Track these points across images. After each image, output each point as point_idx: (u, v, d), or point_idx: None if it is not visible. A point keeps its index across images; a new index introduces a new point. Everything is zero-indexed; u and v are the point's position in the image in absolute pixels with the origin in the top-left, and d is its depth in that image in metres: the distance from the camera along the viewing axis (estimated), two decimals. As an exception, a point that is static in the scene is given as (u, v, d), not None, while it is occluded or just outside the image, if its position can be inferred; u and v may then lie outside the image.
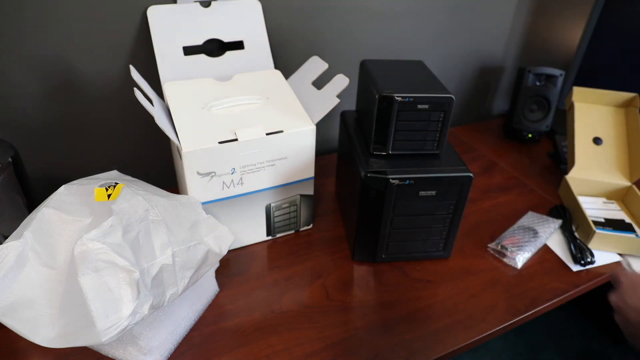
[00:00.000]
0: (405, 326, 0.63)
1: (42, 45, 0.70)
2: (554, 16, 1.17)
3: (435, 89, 0.65)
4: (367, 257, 0.73)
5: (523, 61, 1.22)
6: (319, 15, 0.89)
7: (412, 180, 0.64)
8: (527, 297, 0.68)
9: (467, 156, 1.05)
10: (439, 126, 0.66)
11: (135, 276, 0.45)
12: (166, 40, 0.73)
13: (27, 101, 0.73)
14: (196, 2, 0.75)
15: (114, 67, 0.76)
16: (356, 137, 0.74)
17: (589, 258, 0.74)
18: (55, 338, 0.47)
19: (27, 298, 0.48)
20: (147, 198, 0.53)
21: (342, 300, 0.67)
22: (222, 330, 0.61)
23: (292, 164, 0.70)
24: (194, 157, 0.62)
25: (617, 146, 0.91)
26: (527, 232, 0.79)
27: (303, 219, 0.79)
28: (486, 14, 1.08)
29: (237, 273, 0.71)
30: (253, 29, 0.79)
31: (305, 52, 0.91)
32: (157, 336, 0.55)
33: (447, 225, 0.70)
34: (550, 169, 1.02)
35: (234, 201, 0.69)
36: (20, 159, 0.64)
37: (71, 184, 0.55)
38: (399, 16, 0.97)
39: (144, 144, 0.86)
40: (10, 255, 0.48)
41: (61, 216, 0.51)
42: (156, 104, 0.64)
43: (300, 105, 0.71)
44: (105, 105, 0.79)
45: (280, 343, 0.60)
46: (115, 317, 0.45)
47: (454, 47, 1.09)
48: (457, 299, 0.68)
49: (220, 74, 0.75)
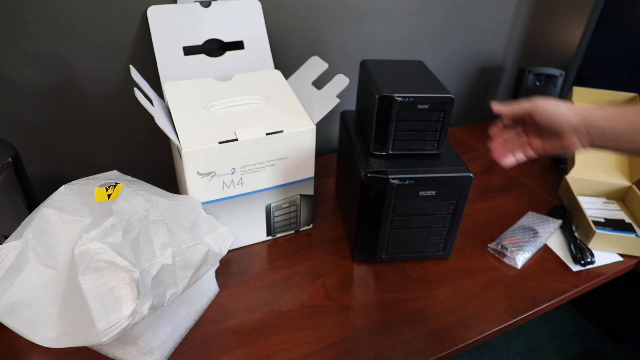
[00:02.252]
0: (405, 326, 0.63)
1: (42, 45, 0.70)
2: (554, 16, 1.17)
3: (435, 89, 0.65)
4: (367, 257, 0.73)
5: (523, 61, 1.22)
6: (319, 15, 0.89)
7: (412, 180, 0.64)
8: (527, 297, 0.68)
9: (467, 156, 1.05)
10: (439, 126, 0.66)
11: (135, 276, 0.45)
12: (166, 40, 0.73)
13: (27, 101, 0.73)
14: (196, 2, 0.75)
15: (114, 67, 0.76)
16: (356, 137, 0.74)
17: (589, 258, 0.74)
18: (55, 338, 0.48)
19: (27, 298, 0.49)
20: (147, 198, 0.53)
21: (342, 300, 0.67)
22: (222, 330, 0.61)
23: (292, 164, 0.70)
24: (194, 157, 0.62)
25: (617, 146, 0.91)
26: (527, 232, 0.79)
27: (303, 219, 0.79)
28: (486, 14, 1.08)
29: (237, 273, 0.71)
30: (253, 29, 0.79)
31: (305, 52, 0.91)
32: (157, 336, 0.55)
33: (447, 225, 0.70)
34: (550, 169, 1.02)
35: (234, 201, 0.69)
36: (20, 159, 0.64)
37: (71, 184, 0.55)
38: (399, 16, 0.97)
39: (144, 144, 0.86)
40: (10, 255, 0.48)
41: (61, 216, 0.51)
42: (156, 104, 0.64)
43: (300, 105, 0.71)
44: (105, 105, 0.79)
45: (280, 343, 0.60)
46: (115, 317, 0.45)
47: (454, 47, 1.09)
48: (457, 299, 0.68)
49: (220, 74, 0.75)
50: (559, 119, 0.54)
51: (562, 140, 0.55)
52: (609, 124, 0.52)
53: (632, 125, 0.50)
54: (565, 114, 0.53)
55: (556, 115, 0.54)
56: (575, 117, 0.53)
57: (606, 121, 0.52)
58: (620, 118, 0.51)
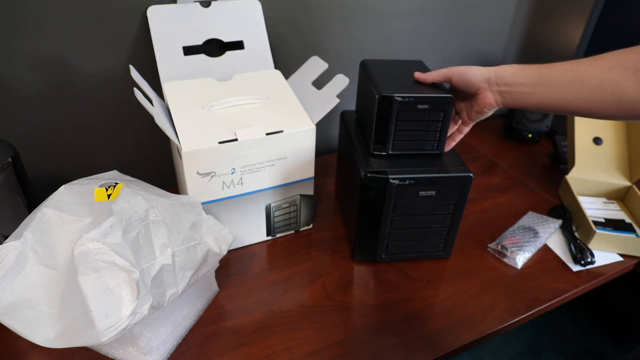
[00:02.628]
0: (405, 326, 0.63)
1: (42, 45, 0.70)
2: (554, 16, 1.17)
3: (435, 89, 0.65)
4: (367, 257, 0.73)
5: (523, 61, 1.22)
6: (319, 15, 0.89)
7: (412, 180, 0.64)
8: (527, 297, 0.68)
9: (467, 156, 1.05)
10: (439, 126, 0.66)
11: (135, 276, 0.45)
12: (166, 40, 0.73)
13: (27, 101, 0.73)
14: (196, 2, 0.75)
15: (114, 67, 0.76)
16: (356, 137, 0.74)
17: (589, 258, 0.74)
18: (55, 338, 0.47)
19: (27, 298, 0.49)
20: (147, 198, 0.53)
21: (342, 300, 0.67)
22: (222, 330, 0.61)
23: (292, 164, 0.70)
24: (194, 157, 0.62)
25: (617, 146, 0.91)
26: (527, 232, 0.79)
27: (303, 219, 0.79)
28: (486, 14, 1.08)
29: (237, 273, 0.71)
30: (253, 29, 0.79)
31: (305, 52, 0.91)
32: (157, 336, 0.55)
33: (447, 225, 0.70)
34: (550, 169, 1.02)
35: (234, 201, 0.69)
36: (20, 159, 0.64)
37: (71, 184, 0.55)
38: (399, 16, 0.97)
39: (144, 144, 0.86)
40: (10, 255, 0.48)
41: (61, 216, 0.51)
42: (156, 104, 0.64)
43: (300, 105, 0.71)
44: (105, 105, 0.79)
45: (280, 343, 0.60)
46: (115, 317, 0.45)
47: (454, 47, 1.09)
48: (457, 299, 0.68)
49: (220, 74, 0.75)
50: (471, 74, 0.61)
51: (477, 98, 0.61)
52: (515, 78, 0.57)
53: (531, 78, 0.55)
54: (478, 70, 0.60)
55: (470, 72, 0.61)
56: (488, 71, 0.59)
57: (513, 75, 0.57)
58: (523, 72, 0.56)
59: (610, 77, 0.49)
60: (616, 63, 0.49)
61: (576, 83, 0.51)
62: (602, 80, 0.49)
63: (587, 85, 0.51)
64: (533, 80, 0.55)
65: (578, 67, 0.52)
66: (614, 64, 0.49)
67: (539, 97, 0.55)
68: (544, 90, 0.54)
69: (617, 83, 0.48)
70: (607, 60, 0.50)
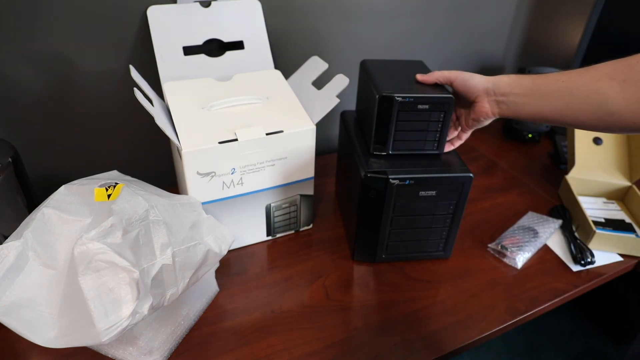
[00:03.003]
0: (405, 326, 0.63)
1: (43, 45, 0.70)
2: (554, 16, 1.17)
3: (435, 89, 0.65)
4: (367, 257, 0.73)
5: (523, 61, 1.22)
6: (319, 15, 0.89)
7: (412, 180, 0.64)
8: (527, 297, 0.68)
9: (467, 156, 1.05)
10: (439, 126, 0.66)
11: (135, 276, 0.45)
12: (166, 40, 0.73)
13: (27, 101, 0.73)
14: (196, 2, 0.75)
15: (114, 67, 0.76)
16: (356, 137, 0.74)
17: (589, 258, 0.74)
18: (55, 338, 0.47)
19: (27, 298, 0.48)
20: (147, 198, 0.53)
21: (342, 300, 0.67)
22: (222, 330, 0.61)
23: (292, 164, 0.70)
24: (194, 157, 0.62)
25: (617, 146, 0.91)
26: (527, 232, 0.79)
27: (303, 219, 0.79)
28: (486, 14, 1.08)
29: (237, 273, 0.71)
30: (253, 29, 0.79)
31: (305, 52, 0.91)
32: (157, 336, 0.55)
33: (447, 225, 0.70)
34: (550, 169, 1.02)
35: (234, 201, 0.69)
36: (20, 159, 0.64)
37: (71, 184, 0.55)
38: (399, 16, 0.97)
39: (144, 144, 0.86)
40: (10, 255, 0.48)
41: (61, 216, 0.51)
42: (156, 104, 0.64)
43: (300, 105, 0.71)
44: (105, 105, 0.79)
45: (280, 343, 0.60)
46: (115, 317, 0.45)
47: (454, 47, 1.09)
48: (457, 299, 0.68)
49: (220, 74, 0.75)
50: (473, 82, 0.61)
51: (475, 106, 0.62)
52: (511, 88, 0.57)
53: (525, 89, 0.56)
54: (479, 79, 0.61)
55: (472, 79, 0.61)
56: (487, 81, 0.60)
57: (509, 85, 0.58)
58: (519, 82, 0.57)
59: (598, 88, 0.48)
60: (605, 74, 0.48)
61: (566, 94, 0.52)
62: (590, 92, 0.49)
63: (576, 95, 0.50)
64: (527, 91, 0.56)
65: (569, 78, 0.52)
66: (603, 75, 0.48)
67: (533, 107, 0.55)
68: (537, 101, 0.55)
69: (604, 94, 0.48)
70: (597, 70, 0.49)
